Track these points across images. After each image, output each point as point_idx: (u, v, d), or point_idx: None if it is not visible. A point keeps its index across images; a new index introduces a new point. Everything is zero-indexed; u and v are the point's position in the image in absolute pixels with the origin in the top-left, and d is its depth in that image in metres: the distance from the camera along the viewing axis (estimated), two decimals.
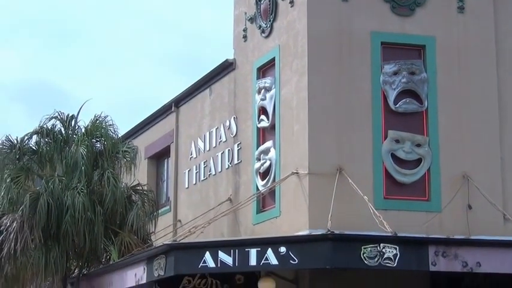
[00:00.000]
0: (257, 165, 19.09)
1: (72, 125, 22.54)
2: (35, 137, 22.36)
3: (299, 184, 17.50)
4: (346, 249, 15.59)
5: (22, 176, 21.45)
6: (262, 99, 19.15)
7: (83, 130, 22.39)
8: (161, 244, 17.77)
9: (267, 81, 19.13)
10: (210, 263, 15.98)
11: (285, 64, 18.63)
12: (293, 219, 17.52)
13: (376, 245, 15.40)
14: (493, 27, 18.69)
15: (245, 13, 20.51)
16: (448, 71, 18.26)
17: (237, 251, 15.89)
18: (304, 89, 17.79)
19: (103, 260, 21.37)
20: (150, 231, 22.12)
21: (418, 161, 17.80)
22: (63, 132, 22.43)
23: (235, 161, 20.45)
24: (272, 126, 18.88)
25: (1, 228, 20.83)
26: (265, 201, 19.00)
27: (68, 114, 22.64)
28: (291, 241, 15.92)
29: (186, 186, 23.03)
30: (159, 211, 23.28)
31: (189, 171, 22.90)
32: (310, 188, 17.25)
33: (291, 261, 15.62)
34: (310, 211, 17.10)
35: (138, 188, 22.42)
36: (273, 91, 18.89)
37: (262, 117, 19.17)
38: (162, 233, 22.32)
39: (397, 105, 17.86)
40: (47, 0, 61.58)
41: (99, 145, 22.31)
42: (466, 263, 15.71)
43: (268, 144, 18.89)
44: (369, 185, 17.36)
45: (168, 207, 24.17)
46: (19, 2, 62.67)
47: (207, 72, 22.31)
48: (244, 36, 20.50)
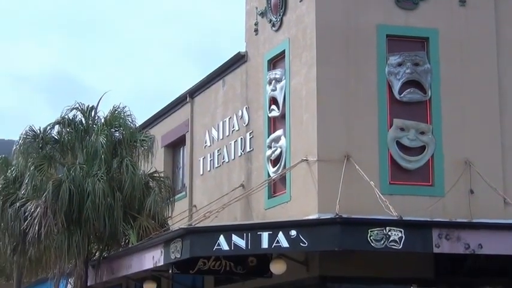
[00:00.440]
0: (268, 152, 19.07)
1: (92, 115, 22.55)
2: (57, 127, 22.39)
3: (308, 170, 17.48)
4: (354, 232, 15.61)
5: (45, 164, 21.49)
6: (273, 90, 19.12)
7: (103, 120, 22.41)
8: (177, 228, 17.81)
9: (277, 73, 19.09)
10: (224, 246, 16.01)
11: (295, 56, 18.58)
12: (303, 204, 17.51)
13: (382, 228, 15.40)
14: (493, 20, 18.62)
15: (256, 8, 20.47)
16: (451, 61, 18.20)
17: (249, 234, 15.91)
18: (313, 79, 17.75)
19: (122, 243, 21.40)
20: (167, 216, 22.14)
21: (422, 148, 17.76)
22: (84, 122, 22.44)
23: (248, 149, 20.44)
24: (282, 116, 18.85)
25: (26, 214, 20.88)
26: (276, 187, 18.98)
27: (88, 105, 22.67)
28: (301, 225, 15.94)
29: (201, 173, 23.04)
30: (175, 197, 23.29)
31: (203, 158, 22.90)
32: (319, 174, 17.23)
33: (301, 244, 15.63)
34: (319, 196, 17.09)
35: (155, 175, 22.45)
36: (283, 82, 18.85)
37: (273, 107, 19.14)
38: (178, 218, 22.36)
39: (402, 95, 17.81)
40: None
41: (118, 134, 22.32)
42: (468, 245, 15.69)
43: (279, 132, 18.87)
44: (375, 171, 17.33)
45: (183, 193, 24.18)
46: None
47: (220, 65, 22.30)
48: (256, 30, 20.45)
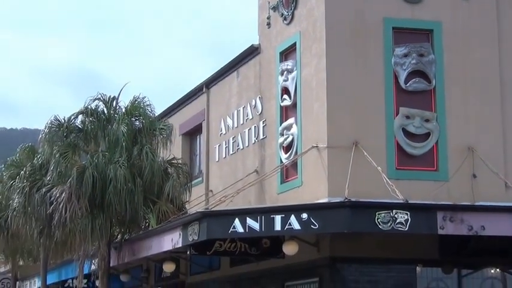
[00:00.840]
0: (281, 140, 19.09)
1: (114, 105, 22.60)
2: (80, 117, 22.45)
3: (319, 157, 17.50)
4: (362, 215, 15.64)
5: (69, 151, 21.56)
6: (284, 80, 19.13)
7: (123, 110, 22.46)
8: (195, 212, 17.88)
9: (289, 64, 19.09)
10: (239, 229, 16.04)
11: (305, 48, 18.58)
12: (314, 188, 17.54)
13: (389, 211, 15.42)
14: (495, 12, 18.55)
15: (268, 2, 20.45)
16: (454, 52, 18.15)
17: (263, 217, 15.94)
18: (323, 70, 17.75)
19: (143, 226, 21.47)
20: (185, 200, 22.20)
21: (427, 135, 17.75)
22: (106, 112, 22.49)
23: (261, 137, 20.46)
24: (294, 105, 18.86)
25: (51, 199, 20.98)
26: (288, 173, 19.01)
27: (109, 96, 22.72)
28: (312, 208, 15.96)
29: (217, 159, 23.08)
30: (193, 182, 23.34)
31: (219, 146, 22.94)
32: (329, 160, 17.24)
33: (312, 226, 15.67)
34: (329, 181, 17.11)
35: (173, 161, 22.50)
36: (294, 73, 18.86)
37: (285, 96, 19.15)
38: (195, 202, 22.40)
39: (408, 85, 17.79)
40: None
41: (138, 123, 22.37)
42: (472, 226, 15.69)
43: (291, 121, 18.88)
44: (382, 157, 17.33)
45: (200, 179, 24.24)
46: None
47: (234, 57, 22.32)
48: (268, 24, 20.43)
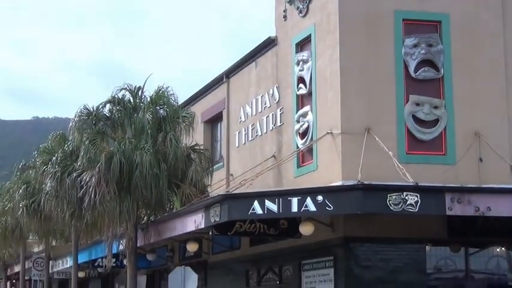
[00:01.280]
0: (297, 126, 19.07)
1: (139, 95, 22.62)
2: (108, 106, 22.48)
3: (333, 142, 17.48)
4: (374, 197, 15.61)
5: (98, 138, 21.63)
6: (300, 70, 19.09)
7: (149, 99, 22.48)
8: (216, 195, 17.89)
9: (304, 55, 19.05)
10: (258, 210, 16.05)
11: (320, 40, 18.52)
12: (328, 172, 17.52)
13: (400, 193, 15.38)
14: (500, 4, 18.41)
15: None
16: (461, 42, 18.04)
17: (280, 199, 15.95)
18: (336, 60, 17.70)
19: (167, 208, 21.52)
20: (207, 184, 22.23)
21: (435, 121, 17.68)
22: (132, 101, 22.52)
23: (278, 124, 20.45)
24: (309, 93, 18.82)
25: (81, 183, 21.07)
26: (304, 157, 19.00)
27: (135, 86, 22.74)
28: (326, 191, 15.95)
29: (237, 145, 23.09)
30: (214, 167, 23.38)
31: (238, 132, 22.95)
32: (343, 145, 17.22)
33: (327, 208, 15.66)
34: (342, 165, 17.09)
35: (196, 147, 22.54)
36: (309, 63, 18.81)
37: (301, 85, 19.12)
38: (216, 186, 22.45)
39: (417, 73, 17.71)
40: None
41: (162, 112, 22.39)
42: (478, 207, 15.63)
43: (306, 108, 18.86)
44: (393, 142, 17.28)
45: (221, 164, 24.26)
46: None
47: (252, 48, 22.28)
48: (284, 16, 20.37)
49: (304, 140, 18.77)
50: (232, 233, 18.36)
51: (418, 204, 15.39)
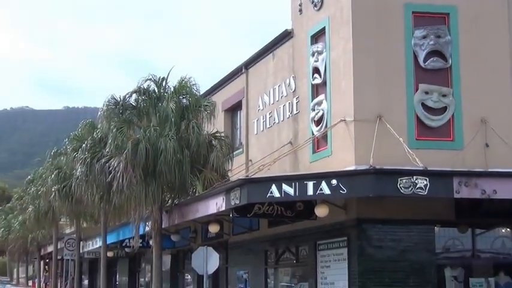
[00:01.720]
0: (312, 114, 19.05)
1: (163, 85, 22.69)
2: (134, 96, 22.61)
3: (346, 129, 17.45)
4: (386, 181, 15.57)
5: (125, 126, 21.73)
6: (315, 61, 19.04)
7: (172, 89, 22.55)
8: (236, 179, 17.94)
9: (319, 46, 18.99)
10: (276, 193, 16.07)
11: (334, 32, 18.46)
12: (342, 157, 17.50)
13: (410, 177, 15.35)
14: None
15: None
16: (468, 34, 17.92)
17: (297, 183, 15.96)
18: (350, 51, 17.64)
19: (190, 192, 21.62)
20: (227, 169, 22.29)
21: (443, 109, 17.60)
22: (156, 91, 22.60)
23: (294, 112, 20.43)
24: (324, 83, 18.78)
25: (110, 169, 21.18)
26: (319, 144, 18.97)
27: (159, 77, 22.81)
28: (340, 175, 15.94)
29: (255, 132, 23.10)
30: (234, 153, 23.41)
31: (257, 120, 22.95)
32: (356, 132, 17.18)
33: (341, 191, 15.66)
34: (355, 151, 17.06)
35: (217, 134, 22.58)
36: (324, 54, 18.76)
37: (316, 75, 19.07)
38: (236, 170, 22.48)
39: (426, 63, 17.62)
40: None
41: (185, 101, 22.46)
42: (484, 190, 15.58)
43: (321, 97, 18.82)
44: (403, 128, 17.22)
45: (241, 150, 24.29)
46: None
47: (270, 40, 22.24)
48: (300, 10, 20.32)
49: (319, 127, 18.75)
50: (251, 215, 18.39)
51: (427, 188, 15.35)
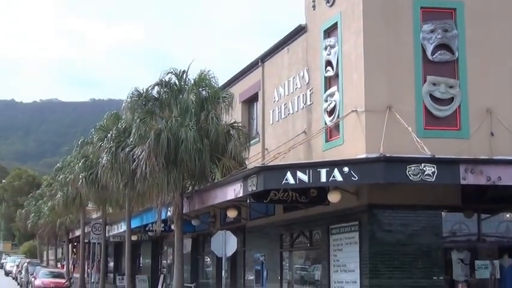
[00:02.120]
0: (325, 105, 19.03)
1: (184, 78, 22.73)
2: (156, 88, 22.66)
3: (357, 119, 17.43)
4: (395, 168, 15.55)
5: (148, 117, 21.81)
6: (328, 55, 19.01)
7: (192, 82, 22.59)
8: (253, 167, 17.97)
9: (331, 41, 18.96)
10: (291, 180, 16.09)
11: (345, 27, 18.42)
12: (353, 146, 17.49)
13: (418, 165, 15.32)
14: None
15: None
16: (474, 28, 17.82)
17: (311, 170, 15.96)
18: (361, 45, 17.60)
19: (209, 179, 21.66)
20: (245, 157, 22.33)
21: (450, 99, 17.53)
22: (177, 83, 22.65)
23: (308, 103, 20.42)
24: (336, 75, 18.75)
25: (134, 157, 21.30)
26: (331, 133, 18.96)
27: (180, 70, 22.86)
28: (352, 163, 15.93)
29: (271, 122, 23.11)
30: (251, 142, 23.44)
31: (273, 111, 22.95)
32: (367, 122, 17.16)
33: (353, 178, 15.65)
34: (366, 139, 17.04)
35: (234, 125, 22.62)
36: (336, 48, 18.72)
37: (328, 68, 19.05)
38: (253, 159, 22.51)
39: (434, 56, 17.55)
40: None
41: (204, 93, 22.50)
42: (490, 177, 15.53)
43: (333, 89, 18.80)
44: (412, 118, 17.18)
45: (257, 139, 24.31)
46: None
47: (285, 35, 22.22)
48: (313, 6, 20.28)
49: (331, 117, 18.74)
50: (267, 200, 18.44)
51: (434, 175, 15.32)
